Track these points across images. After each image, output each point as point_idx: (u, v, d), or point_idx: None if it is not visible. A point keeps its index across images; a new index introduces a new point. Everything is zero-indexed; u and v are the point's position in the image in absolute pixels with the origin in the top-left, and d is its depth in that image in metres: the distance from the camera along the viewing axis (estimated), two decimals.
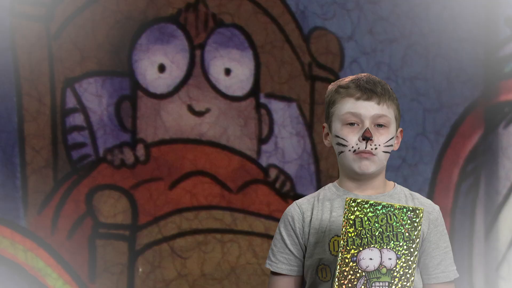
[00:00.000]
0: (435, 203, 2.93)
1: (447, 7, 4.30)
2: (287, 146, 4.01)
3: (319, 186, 4.03)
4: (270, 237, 3.93)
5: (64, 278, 3.57)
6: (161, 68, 3.78)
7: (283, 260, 2.73)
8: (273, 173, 3.96)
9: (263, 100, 3.97)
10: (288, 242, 2.73)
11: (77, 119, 3.64)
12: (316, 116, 4.09)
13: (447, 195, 4.40)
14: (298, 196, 3.78)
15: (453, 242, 4.22)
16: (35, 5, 3.59)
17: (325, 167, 4.10)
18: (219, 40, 3.88)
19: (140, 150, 3.75)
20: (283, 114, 4.00)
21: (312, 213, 2.74)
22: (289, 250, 2.73)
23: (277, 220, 3.78)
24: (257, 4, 3.96)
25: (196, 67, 3.84)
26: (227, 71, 3.88)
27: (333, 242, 2.65)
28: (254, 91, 3.96)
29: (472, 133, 4.43)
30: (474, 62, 4.40)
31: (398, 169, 4.29)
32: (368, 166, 2.64)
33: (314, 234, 2.70)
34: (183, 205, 3.80)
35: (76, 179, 3.62)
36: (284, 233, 2.74)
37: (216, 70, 3.87)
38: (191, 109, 3.83)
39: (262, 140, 3.96)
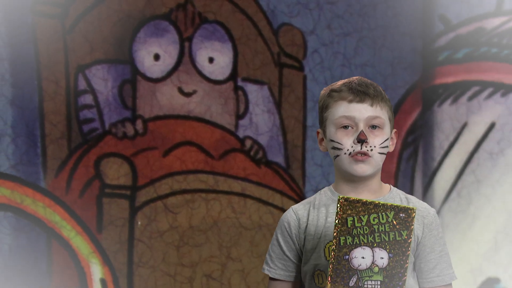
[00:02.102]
0: (384, 168, 2.90)
1: (390, 7, 4.26)
2: (260, 121, 3.99)
3: (286, 154, 4.04)
4: (246, 196, 3.93)
5: (76, 229, 3.54)
6: (156, 57, 3.78)
7: (281, 266, 2.58)
8: (248, 143, 3.94)
9: (240, 83, 3.95)
10: (285, 248, 2.58)
11: (87, 99, 3.62)
12: (283, 97, 4.06)
13: (392, 161, 4.34)
14: (269, 162, 3.98)
15: None
16: (52, 5, 3.53)
17: (291, 138, 4.05)
18: (204, 34, 3.88)
19: (139, 125, 3.73)
20: (257, 95, 3.98)
21: (308, 219, 2.57)
22: (286, 256, 2.58)
23: (251, 182, 3.93)
24: (235, 4, 3.94)
25: (185, 56, 3.84)
26: (211, 60, 3.89)
27: (328, 247, 2.49)
28: (233, 76, 3.94)
29: (412, 110, 4.41)
30: (414, 52, 4.40)
31: None
32: (364, 169, 2.47)
33: (310, 240, 2.54)
34: (174, 170, 3.79)
35: (86, 148, 3.61)
36: (281, 239, 2.59)
37: (201, 58, 3.87)
38: (181, 90, 3.83)
39: (239, 116, 3.94)
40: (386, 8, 4.32)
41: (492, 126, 4.24)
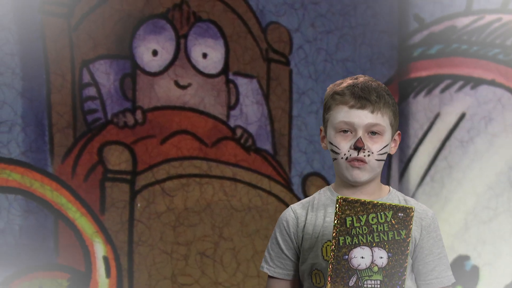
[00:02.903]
0: None
1: (369, 7, 4.25)
2: (250, 112, 3.97)
3: (273, 142, 4.03)
4: (237, 180, 3.92)
5: (81, 211, 3.53)
6: (154, 53, 3.76)
7: (279, 265, 2.47)
8: (239, 132, 3.93)
9: (231, 77, 3.94)
10: (283, 247, 2.46)
11: (91, 91, 3.60)
12: (271, 89, 4.05)
13: None
14: (258, 149, 3.97)
15: None
16: (58, 5, 3.52)
17: (278, 127, 4.04)
18: (198, 31, 3.86)
19: (139, 115, 3.71)
20: (246, 87, 3.97)
21: (306, 218, 2.44)
22: (285, 255, 2.46)
23: (242, 167, 3.92)
24: (226, 4, 3.92)
25: (181, 52, 3.82)
26: (204, 55, 3.87)
27: (326, 247, 2.38)
28: (225, 70, 3.93)
29: None
30: (390, 48, 4.37)
31: None
32: (360, 175, 2.34)
33: (308, 240, 2.42)
34: (171, 156, 3.77)
35: (90, 137, 3.59)
36: (279, 238, 2.47)
37: (196, 54, 3.86)
38: (177, 83, 3.81)
39: (230, 107, 3.93)
40: (366, 8, 4.30)
41: (462, 116, 4.21)
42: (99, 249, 3.56)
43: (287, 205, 3.84)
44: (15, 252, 3.36)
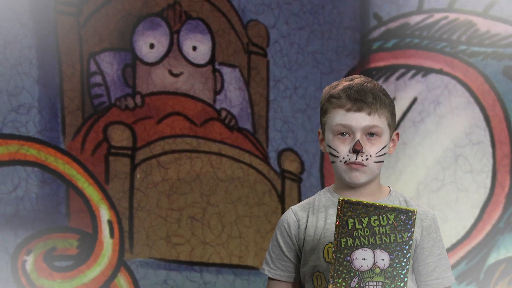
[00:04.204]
0: None
1: (335, 6, 4.22)
2: (233, 96, 3.95)
3: (253, 122, 4.00)
4: (222, 155, 3.88)
5: (89, 181, 3.52)
6: (151, 46, 3.75)
7: (281, 267, 2.25)
8: (223, 113, 3.92)
9: (217, 66, 3.92)
10: (285, 249, 2.24)
11: (97, 79, 3.59)
12: (251, 77, 4.01)
13: None
14: (240, 128, 3.94)
15: None
16: (69, 6, 3.49)
17: (257, 109, 4.02)
18: (189, 28, 3.85)
19: (138, 99, 3.70)
20: (230, 75, 3.95)
21: (307, 220, 2.21)
22: (286, 257, 2.24)
23: (226, 144, 3.88)
24: (213, 4, 3.90)
25: (174, 46, 3.80)
26: (194, 48, 3.86)
27: (327, 249, 2.16)
28: (211, 61, 3.91)
29: None
30: (353, 42, 4.33)
31: (304, 111, 4.14)
32: (358, 178, 2.12)
33: (309, 242, 2.19)
34: (165, 134, 3.75)
35: (96, 118, 3.59)
36: (280, 240, 2.24)
37: (187, 47, 3.84)
38: (170, 72, 3.79)
39: (216, 92, 3.90)
40: (332, 8, 4.28)
41: (414, 100, 4.20)
42: (104, 214, 3.54)
43: (265, 176, 3.99)
44: (33, 216, 3.35)
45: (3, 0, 3.29)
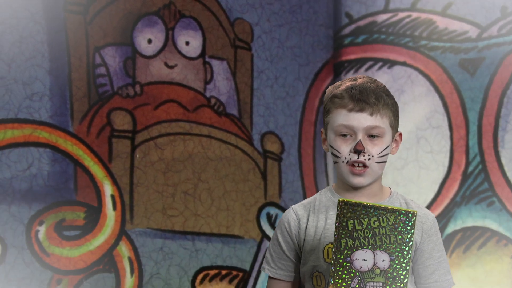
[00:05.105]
0: (308, 118, 3.67)
1: (311, 6, 4.26)
2: (221, 85, 3.97)
3: (239, 108, 3.99)
4: (211, 137, 3.87)
5: (94, 160, 3.52)
6: (149, 41, 3.75)
7: (281, 266, 2.11)
8: (213, 101, 3.93)
9: (207, 59, 3.93)
10: (285, 248, 2.10)
11: (101, 70, 3.58)
12: (237, 68, 4.02)
13: (311, 113, 4.24)
14: (227, 114, 3.94)
15: (316, 136, 4.24)
16: (77, 5, 3.50)
17: (243, 97, 4.03)
18: (182, 25, 3.86)
19: (137, 88, 3.70)
20: (219, 67, 3.96)
21: (308, 220, 2.07)
22: (287, 256, 2.10)
23: (215, 127, 3.88)
24: (204, 5, 3.91)
25: (169, 41, 3.82)
26: (187, 43, 3.87)
27: (327, 249, 2.03)
28: (202, 54, 3.91)
29: (326, 78, 4.34)
30: (327, 38, 4.36)
31: (284, 98, 4.18)
32: (362, 181, 1.98)
33: (309, 242, 2.05)
34: (161, 119, 3.76)
35: (101, 104, 3.58)
36: (281, 240, 2.10)
37: (180, 42, 3.85)
38: (166, 64, 3.80)
39: (207, 82, 3.91)
40: (308, 8, 4.29)
41: None
42: (108, 189, 3.54)
43: (249, 156, 4.03)
44: (44, 191, 3.35)
45: (20, 1, 3.30)
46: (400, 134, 2.06)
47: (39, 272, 3.28)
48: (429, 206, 3.98)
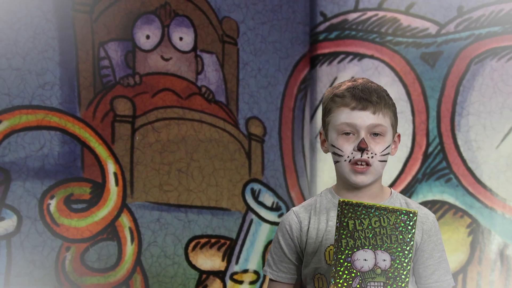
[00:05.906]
0: (288, 102, 3.73)
1: (291, 6, 4.28)
2: (211, 76, 3.99)
3: (226, 96, 4.00)
4: (202, 121, 3.89)
5: (99, 142, 3.53)
6: (147, 37, 3.78)
7: (282, 269, 2.00)
8: (203, 89, 3.95)
9: (199, 53, 3.94)
10: (286, 251, 1.99)
11: (105, 62, 3.61)
12: (225, 61, 4.02)
13: (290, 100, 4.28)
14: (216, 101, 3.95)
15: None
16: (84, 5, 3.53)
17: (230, 86, 4.05)
18: (177, 23, 3.88)
19: (137, 78, 3.73)
20: (209, 60, 3.98)
21: (309, 222, 1.97)
22: (288, 259, 1.99)
23: (205, 113, 3.90)
24: (195, 5, 3.91)
25: (165, 37, 3.83)
26: (181, 39, 3.88)
27: (329, 251, 1.92)
28: (194, 48, 3.93)
29: (303, 69, 4.38)
30: (304, 34, 4.35)
31: (266, 87, 4.21)
32: (364, 180, 1.88)
33: (311, 244, 1.95)
34: (158, 106, 3.77)
35: (105, 93, 3.61)
36: (282, 242, 1.99)
37: (175, 38, 3.87)
38: (162, 57, 3.82)
39: (198, 73, 3.92)
40: (288, 7, 4.32)
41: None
42: (111, 167, 3.57)
43: (236, 138, 4.09)
44: (55, 169, 3.37)
45: (33, 2, 3.34)
46: (399, 135, 1.97)
47: (51, 241, 3.34)
48: (393, 183, 4.02)
